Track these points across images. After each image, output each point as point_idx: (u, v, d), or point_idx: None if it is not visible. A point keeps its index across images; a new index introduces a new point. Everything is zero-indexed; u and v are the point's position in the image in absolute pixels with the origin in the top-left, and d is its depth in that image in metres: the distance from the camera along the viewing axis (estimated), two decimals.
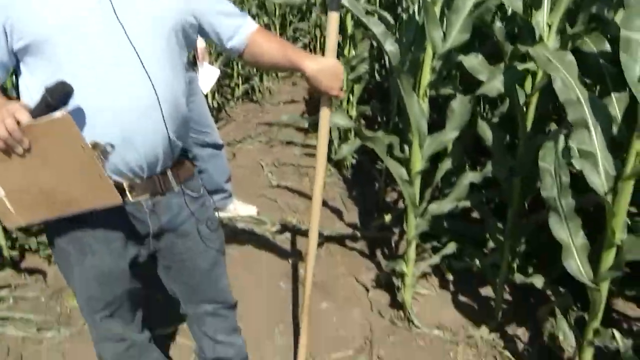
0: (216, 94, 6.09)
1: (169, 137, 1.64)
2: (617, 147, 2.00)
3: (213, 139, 3.59)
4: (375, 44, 4.36)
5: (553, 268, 2.94)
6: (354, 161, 4.68)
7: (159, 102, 1.56)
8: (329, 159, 4.64)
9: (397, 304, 3.03)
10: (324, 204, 3.93)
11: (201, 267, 1.97)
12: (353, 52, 4.43)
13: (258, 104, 6.43)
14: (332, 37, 1.83)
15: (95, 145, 1.43)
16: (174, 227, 1.81)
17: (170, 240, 1.84)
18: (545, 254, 3.11)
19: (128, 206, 1.67)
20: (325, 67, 1.80)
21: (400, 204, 4.20)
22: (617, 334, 2.13)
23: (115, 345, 1.93)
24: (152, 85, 1.54)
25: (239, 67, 6.58)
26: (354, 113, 4.44)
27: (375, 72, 4.55)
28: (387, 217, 3.86)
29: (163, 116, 1.59)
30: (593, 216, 2.80)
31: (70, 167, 1.38)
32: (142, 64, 1.53)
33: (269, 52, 1.83)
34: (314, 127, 5.53)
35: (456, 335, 2.85)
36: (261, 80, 7.02)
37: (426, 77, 2.58)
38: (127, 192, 1.64)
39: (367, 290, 3.18)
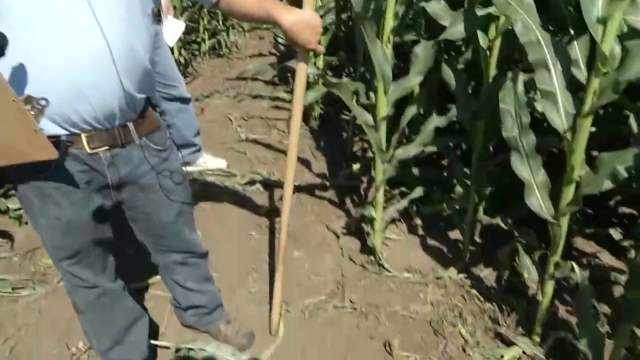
0: (182, 50, 6.00)
1: (125, 90, 1.61)
2: (576, 88, 2.06)
3: (180, 92, 3.56)
4: None
5: (517, 209, 3.02)
6: (321, 112, 4.69)
7: (112, 54, 1.53)
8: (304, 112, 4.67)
9: (367, 249, 3.10)
10: None
11: (165, 219, 2.00)
12: (319, 3, 4.41)
13: (225, 59, 6.36)
14: None
15: (28, 99, 1.40)
16: (135, 179, 1.82)
17: (132, 193, 1.86)
18: (510, 195, 3.19)
19: (86, 157, 1.67)
20: (302, 20, 1.77)
21: (368, 153, 4.24)
22: (575, 266, 2.21)
23: (87, 293, 1.95)
24: (105, 37, 1.51)
25: (205, 21, 6.48)
26: (320, 64, 4.43)
27: (342, 23, 4.53)
28: (355, 166, 3.90)
29: (117, 69, 1.56)
30: (555, 157, 2.88)
31: (2, 119, 1.36)
32: (95, 15, 1.49)
33: (245, 1, 1.80)
34: (281, 80, 5.53)
35: (425, 277, 2.93)
36: (228, 34, 6.93)
37: (389, 23, 2.58)
38: (85, 144, 1.64)
39: (338, 237, 3.24)
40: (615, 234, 2.96)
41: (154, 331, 2.51)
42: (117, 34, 1.54)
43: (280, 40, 6.50)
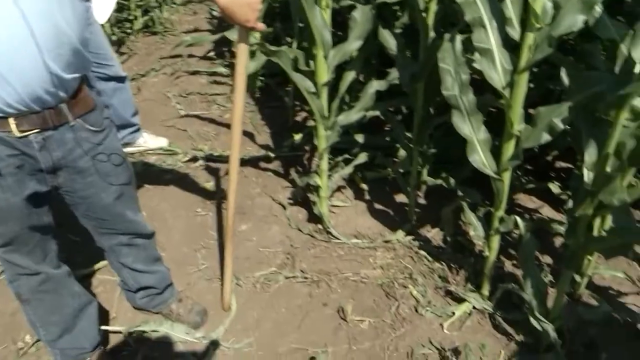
0: (115, 28, 5.82)
1: (51, 72, 1.53)
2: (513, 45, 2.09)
3: (115, 71, 3.45)
4: None
5: (460, 168, 3.07)
6: (261, 84, 4.63)
7: (34, 36, 1.45)
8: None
9: (314, 218, 3.09)
10: None
11: (106, 202, 1.93)
12: None
13: (159, 36, 6.18)
14: None
15: None
16: (70, 163, 1.75)
17: (68, 177, 1.79)
18: (453, 155, 3.24)
19: (15, 142, 1.60)
20: None
21: (310, 123, 4.22)
22: (518, 220, 2.26)
23: (29, 279, 1.89)
24: (25, 18, 1.42)
25: None
26: (258, 35, 4.35)
27: None
28: (298, 136, 3.88)
29: (40, 50, 1.47)
30: (495, 116, 2.92)
31: None
32: None
33: None
34: (218, 54, 5.43)
35: (374, 242, 2.95)
36: (161, 11, 6.74)
37: None
38: (14, 127, 1.56)
39: (284, 207, 3.23)
40: (554, 187, 3.05)
41: (104, 316, 2.46)
42: (39, 14, 1.45)
43: (215, 13, 6.37)
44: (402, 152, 3.06)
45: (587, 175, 2.02)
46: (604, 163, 1.87)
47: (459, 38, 2.22)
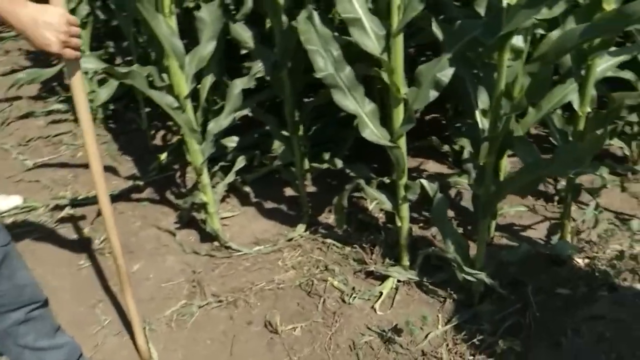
0: None
1: None
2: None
3: None
4: None
5: (340, 148, 3.01)
6: (108, 111, 4.30)
7: None
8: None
9: (208, 237, 2.90)
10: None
11: None
12: None
13: None
14: None
15: None
16: None
17: None
18: (330, 136, 3.18)
19: None
20: (38, 17, 1.50)
21: (170, 139, 3.99)
22: (425, 183, 2.23)
23: None
24: None
25: None
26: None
27: (98, 11, 4.13)
28: (163, 156, 3.64)
29: None
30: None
31: None
32: None
33: None
34: (49, 91, 4.97)
35: (276, 244, 2.82)
36: None
37: None
38: None
39: (173, 234, 2.99)
40: (435, 142, 3.06)
41: None
42: None
43: (31, 48, 5.85)
44: (280, 145, 2.94)
45: (482, 122, 2.01)
46: (497, 106, 1.85)
47: (316, 14, 2.11)
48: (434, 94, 1.96)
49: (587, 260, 2.46)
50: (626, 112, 2.46)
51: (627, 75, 2.73)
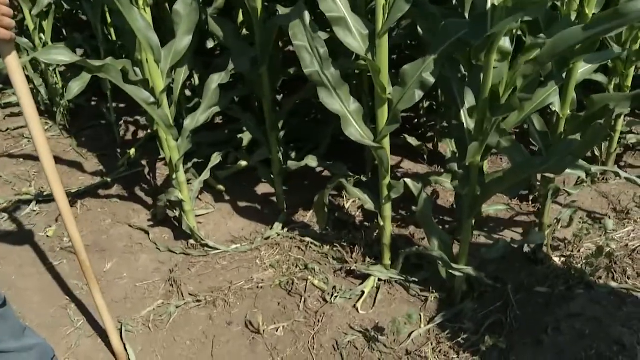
0: None
1: None
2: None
3: None
4: None
5: (320, 145, 2.99)
6: (70, 105, 4.17)
7: None
8: (46, 110, 4.12)
9: (183, 234, 2.84)
10: (58, 160, 3.48)
11: None
12: None
13: None
14: None
15: None
16: None
17: None
18: (306, 135, 3.15)
19: None
20: None
21: (139, 134, 3.90)
22: (409, 182, 2.22)
23: None
24: None
25: None
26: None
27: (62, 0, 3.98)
28: (132, 152, 3.56)
29: None
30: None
31: None
32: None
33: None
34: (6, 83, 4.79)
35: (254, 242, 2.78)
36: None
37: None
38: None
39: (146, 232, 2.93)
40: (413, 140, 3.06)
41: None
42: None
43: None
44: (257, 142, 2.89)
45: (468, 123, 2.01)
46: (483, 107, 1.85)
47: (306, 11, 2.08)
48: (419, 94, 1.94)
49: (563, 259, 2.50)
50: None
51: (599, 77, 2.79)
